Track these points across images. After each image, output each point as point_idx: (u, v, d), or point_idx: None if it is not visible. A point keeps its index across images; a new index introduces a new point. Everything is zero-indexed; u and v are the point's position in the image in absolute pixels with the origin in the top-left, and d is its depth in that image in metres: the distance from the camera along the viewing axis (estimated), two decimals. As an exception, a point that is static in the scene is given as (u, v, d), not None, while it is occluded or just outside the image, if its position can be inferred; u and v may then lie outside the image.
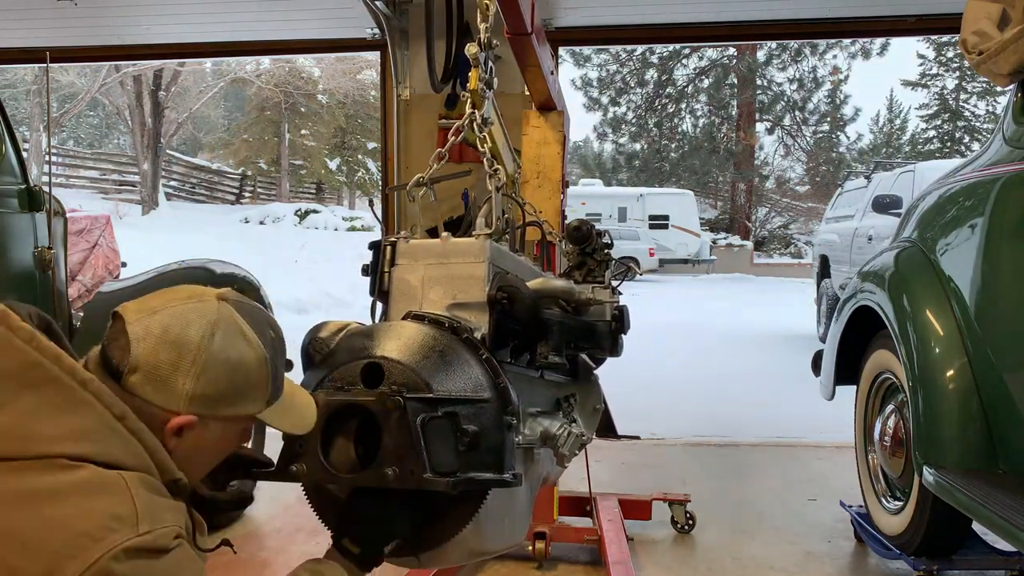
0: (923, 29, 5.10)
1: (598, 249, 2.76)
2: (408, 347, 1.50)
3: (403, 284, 1.71)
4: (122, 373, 1.17)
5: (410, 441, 1.39)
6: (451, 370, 1.49)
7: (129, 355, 1.17)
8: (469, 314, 1.63)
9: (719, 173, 31.86)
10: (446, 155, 1.82)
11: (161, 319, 1.20)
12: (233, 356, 1.22)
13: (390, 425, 1.41)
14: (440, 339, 1.53)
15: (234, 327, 1.23)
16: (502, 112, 2.09)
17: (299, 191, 29.78)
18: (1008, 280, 2.47)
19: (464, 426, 1.44)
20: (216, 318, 1.22)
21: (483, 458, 1.46)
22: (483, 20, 1.81)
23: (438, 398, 1.44)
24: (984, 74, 2.63)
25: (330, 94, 27.11)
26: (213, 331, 1.20)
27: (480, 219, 1.76)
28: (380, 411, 1.42)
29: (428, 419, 1.41)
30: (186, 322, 1.20)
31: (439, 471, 1.40)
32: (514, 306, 1.63)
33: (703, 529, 3.38)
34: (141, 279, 3.25)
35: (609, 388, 3.21)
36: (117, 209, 18.69)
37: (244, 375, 1.23)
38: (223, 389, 1.21)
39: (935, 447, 2.54)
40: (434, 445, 1.41)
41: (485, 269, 1.66)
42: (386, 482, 1.40)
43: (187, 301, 1.23)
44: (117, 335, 1.20)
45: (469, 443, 1.44)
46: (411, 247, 1.72)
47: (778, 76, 29.83)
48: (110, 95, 23.20)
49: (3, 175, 2.80)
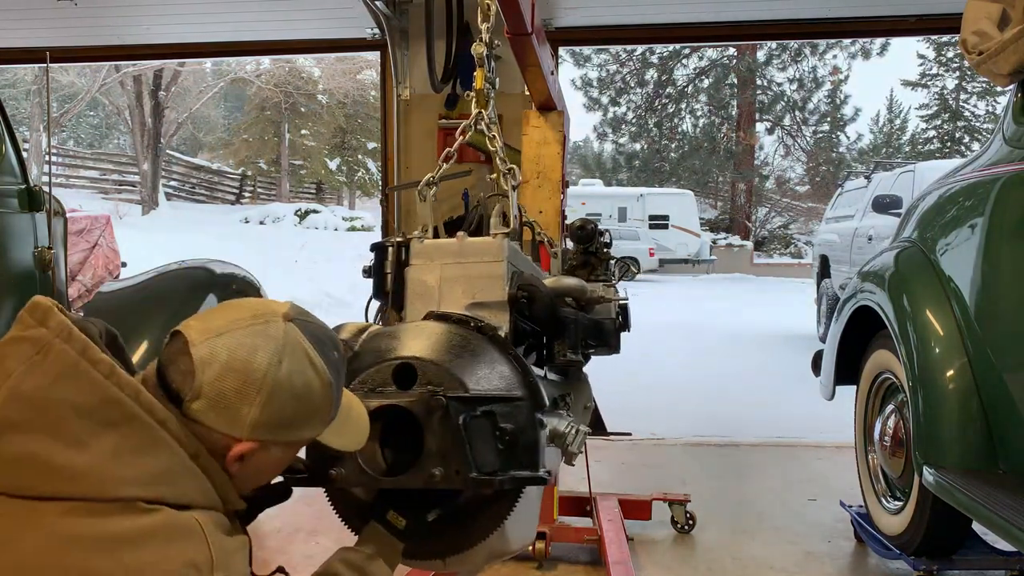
0: (923, 29, 5.10)
1: (600, 248, 2.78)
2: (438, 347, 1.48)
3: (420, 284, 1.69)
4: (184, 399, 1.14)
5: (455, 441, 1.38)
6: (484, 369, 1.48)
7: (193, 381, 1.14)
8: (489, 313, 1.62)
9: (719, 173, 31.84)
10: (455, 154, 1.82)
11: (227, 343, 1.15)
12: (299, 383, 1.18)
13: (433, 425, 1.39)
14: (469, 338, 1.51)
15: (300, 352, 1.19)
16: (502, 112, 2.09)
17: (299, 191, 29.78)
18: (1008, 280, 2.47)
19: (502, 425, 1.43)
20: (283, 343, 1.18)
21: (520, 456, 1.44)
22: (484, 20, 1.81)
23: (476, 397, 1.42)
24: (984, 74, 2.62)
25: (330, 94, 27.11)
26: (280, 358, 1.17)
27: (495, 218, 1.76)
28: (422, 412, 1.40)
29: (469, 418, 1.40)
30: (253, 347, 1.16)
31: (483, 471, 1.39)
32: (534, 305, 1.63)
33: (703, 529, 3.38)
34: (141, 279, 3.25)
35: (609, 388, 3.21)
36: (117, 209, 18.69)
37: (308, 402, 1.21)
38: (288, 416, 1.19)
39: (935, 447, 2.54)
40: (476, 444, 1.40)
41: (504, 268, 1.66)
42: (433, 483, 1.38)
43: (254, 323, 1.19)
44: (178, 356, 1.16)
45: (508, 442, 1.43)
46: (426, 247, 1.71)
47: (778, 76, 29.88)
48: (110, 95, 23.21)
49: (3, 175, 2.80)
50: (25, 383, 1.07)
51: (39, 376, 1.08)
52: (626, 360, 2.56)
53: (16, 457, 1.04)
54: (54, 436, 1.05)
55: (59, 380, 1.08)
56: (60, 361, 1.09)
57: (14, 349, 1.11)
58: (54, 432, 1.05)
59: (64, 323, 1.12)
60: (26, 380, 1.08)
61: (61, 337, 1.10)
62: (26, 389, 1.07)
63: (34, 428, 1.05)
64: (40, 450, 1.04)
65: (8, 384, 1.07)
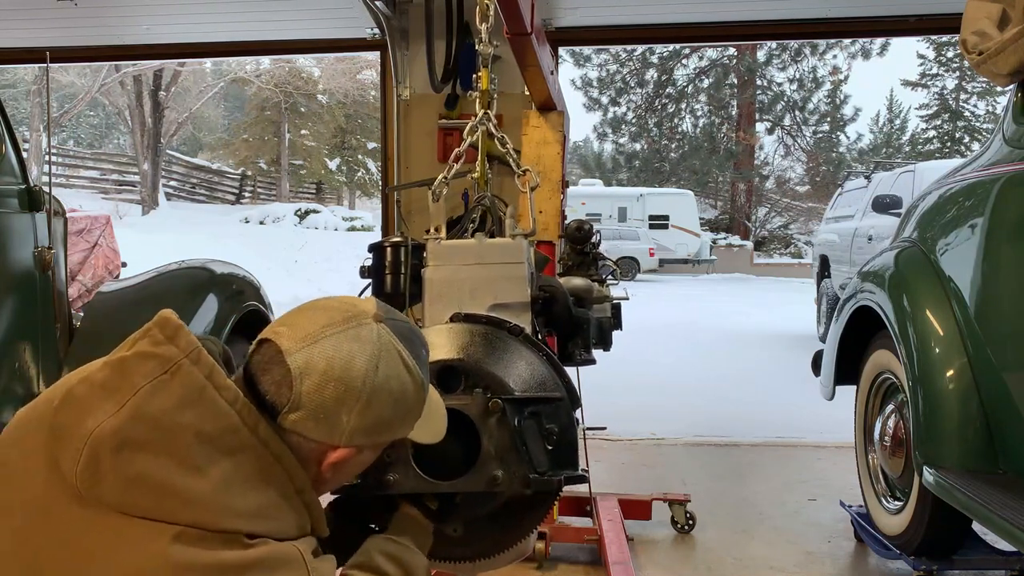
0: (923, 29, 5.09)
1: (592, 248, 2.80)
2: (477, 348, 1.48)
3: (439, 285, 1.69)
4: (280, 411, 1.12)
5: (512, 443, 1.39)
6: (524, 370, 1.49)
7: (290, 391, 1.11)
8: (511, 314, 1.63)
9: (719, 173, 31.83)
10: (463, 154, 1.82)
11: (323, 351, 1.13)
12: (395, 387, 1.17)
13: (490, 428, 1.40)
14: (503, 339, 1.52)
15: (394, 355, 1.18)
16: (503, 112, 2.09)
17: (299, 191, 29.78)
18: (1008, 280, 2.46)
19: (547, 425, 1.44)
20: (378, 347, 1.16)
21: (565, 455, 1.45)
22: (483, 20, 1.81)
23: (524, 398, 1.44)
24: (984, 74, 2.62)
25: (330, 94, 27.11)
26: (376, 363, 1.15)
27: (509, 220, 1.76)
28: (479, 414, 1.40)
29: (522, 420, 1.41)
30: (350, 354, 1.14)
31: (538, 471, 1.40)
32: (555, 306, 1.63)
33: (703, 529, 3.38)
34: (141, 279, 3.25)
35: (610, 388, 3.21)
36: (117, 209, 18.71)
37: (404, 403, 1.20)
38: (385, 420, 1.18)
39: (935, 447, 2.54)
40: (529, 445, 1.41)
41: (526, 270, 1.66)
42: (496, 486, 1.39)
43: (346, 327, 1.16)
44: (271, 365, 1.14)
45: (556, 441, 1.43)
46: (443, 248, 1.71)
47: (778, 76, 29.88)
48: (110, 95, 23.20)
49: (3, 175, 2.80)
50: (151, 403, 1.06)
51: (164, 397, 1.07)
52: (626, 360, 2.57)
53: (134, 477, 1.03)
54: (175, 460, 1.04)
55: (184, 403, 1.07)
56: (187, 384, 1.08)
57: (142, 364, 1.09)
58: (175, 456, 1.04)
59: (194, 343, 1.11)
60: (152, 400, 1.06)
61: (190, 358, 1.09)
62: (151, 409, 1.06)
63: (155, 450, 1.04)
64: (158, 472, 1.03)
65: (134, 401, 1.06)
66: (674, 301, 15.63)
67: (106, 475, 1.03)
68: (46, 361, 2.82)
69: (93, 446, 1.04)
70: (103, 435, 1.04)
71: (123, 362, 1.10)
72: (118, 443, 1.03)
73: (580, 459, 1.51)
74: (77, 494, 1.03)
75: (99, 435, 1.04)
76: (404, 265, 1.74)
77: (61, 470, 1.05)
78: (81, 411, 1.07)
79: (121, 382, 1.08)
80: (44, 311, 2.84)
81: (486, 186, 2.41)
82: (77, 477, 1.03)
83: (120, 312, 2.98)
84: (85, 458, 1.03)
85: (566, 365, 1.83)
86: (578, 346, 1.76)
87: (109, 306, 3.05)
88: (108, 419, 1.05)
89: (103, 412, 1.05)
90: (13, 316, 2.76)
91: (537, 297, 1.63)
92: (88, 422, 1.05)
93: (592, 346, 2.33)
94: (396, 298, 1.79)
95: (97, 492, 1.03)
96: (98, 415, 1.05)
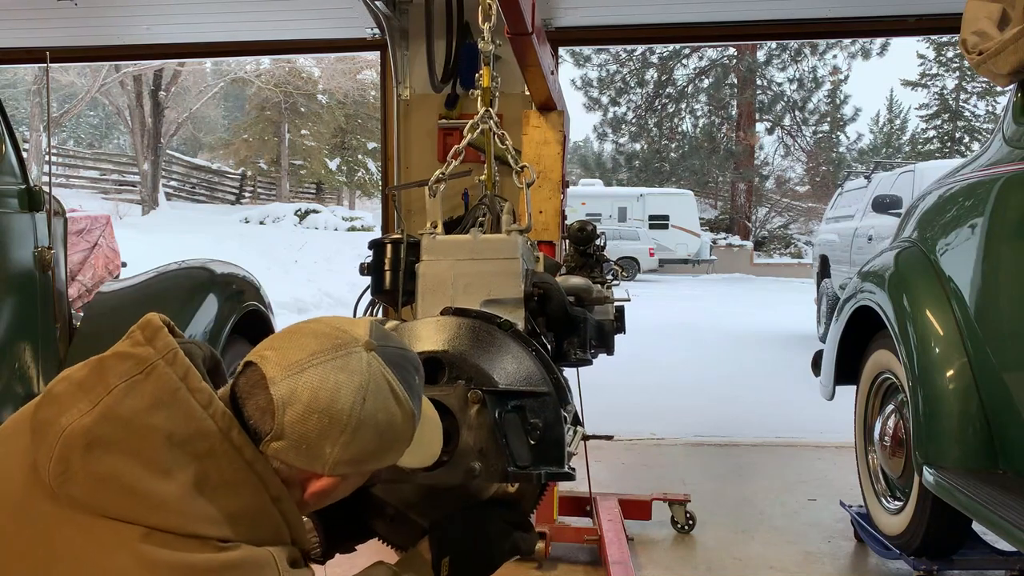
0: (923, 29, 5.09)
1: (597, 250, 2.79)
2: (463, 341, 1.47)
3: (433, 280, 1.69)
4: (262, 438, 1.11)
5: (491, 436, 1.37)
6: (511, 364, 1.47)
7: (272, 420, 1.10)
8: (504, 310, 1.62)
9: (719, 173, 31.84)
10: (463, 152, 1.82)
11: (309, 382, 1.10)
12: (382, 420, 1.15)
13: (469, 419, 1.38)
14: (492, 333, 1.51)
15: (384, 386, 1.15)
16: (503, 112, 2.09)
17: (299, 191, 29.77)
18: (1008, 280, 2.47)
19: (531, 420, 1.42)
20: (367, 378, 1.13)
21: (549, 451, 1.43)
22: (486, 19, 1.81)
23: (507, 391, 1.41)
24: (984, 74, 2.62)
25: (330, 94, 27.10)
26: (364, 396, 1.12)
27: (506, 216, 1.76)
28: (458, 405, 1.38)
29: (503, 413, 1.39)
30: (336, 386, 1.11)
31: (518, 465, 1.38)
32: (549, 303, 1.62)
33: (703, 529, 3.38)
34: (141, 279, 3.25)
35: (610, 388, 3.21)
36: (117, 209, 18.70)
37: (391, 435, 1.17)
38: (370, 451, 1.16)
39: (935, 447, 2.54)
40: (510, 439, 1.39)
41: (520, 265, 1.66)
42: (473, 478, 1.37)
43: (334, 356, 1.13)
44: (255, 390, 1.12)
45: (539, 437, 1.42)
46: (438, 243, 1.71)
47: (778, 76, 29.88)
48: (110, 95, 23.19)
49: (3, 175, 2.80)
50: (123, 403, 1.06)
51: (137, 398, 1.06)
52: (626, 360, 2.56)
53: (103, 476, 1.03)
54: (142, 462, 1.04)
55: (157, 405, 1.06)
56: (161, 385, 1.08)
57: (118, 364, 1.09)
58: (143, 458, 1.04)
59: (170, 344, 1.11)
60: (125, 400, 1.06)
61: (166, 359, 1.09)
62: (122, 410, 1.06)
63: (124, 451, 1.04)
64: (126, 473, 1.03)
65: (106, 400, 1.06)
66: (674, 301, 15.63)
67: (76, 474, 1.03)
68: (46, 361, 2.81)
69: (64, 444, 1.04)
70: (74, 433, 1.04)
71: (101, 362, 1.11)
72: (88, 442, 1.04)
73: (567, 456, 1.50)
74: (51, 492, 1.04)
75: (71, 433, 1.04)
76: (402, 262, 1.73)
77: (38, 468, 1.05)
78: (58, 409, 1.07)
79: (97, 381, 1.08)
80: (44, 311, 2.84)
81: (493, 188, 2.40)
82: (50, 474, 1.04)
83: (120, 312, 2.97)
84: (57, 456, 1.04)
85: (561, 364, 1.83)
86: (574, 345, 1.74)
87: (109, 306, 3.05)
88: (81, 417, 1.05)
89: (77, 411, 1.06)
90: (13, 316, 2.75)
91: (531, 293, 1.62)
92: (62, 420, 1.05)
93: (593, 349, 2.32)
94: (394, 294, 1.78)
95: (68, 490, 1.03)
96: (72, 413, 1.06)
